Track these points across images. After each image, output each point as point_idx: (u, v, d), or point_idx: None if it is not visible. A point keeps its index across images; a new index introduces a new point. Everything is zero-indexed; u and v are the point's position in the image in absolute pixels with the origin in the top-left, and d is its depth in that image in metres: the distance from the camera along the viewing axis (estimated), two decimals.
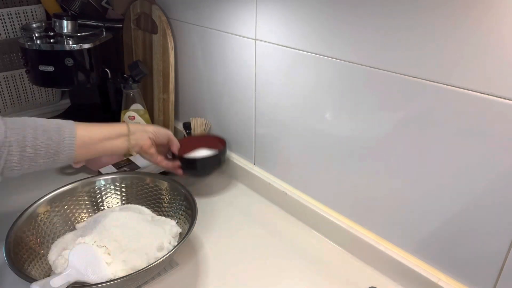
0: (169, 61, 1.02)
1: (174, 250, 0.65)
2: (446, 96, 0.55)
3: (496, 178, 0.53)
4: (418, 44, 0.56)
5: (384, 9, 0.58)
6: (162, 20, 1.00)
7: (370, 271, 0.72)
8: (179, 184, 0.80)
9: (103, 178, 0.83)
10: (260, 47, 0.81)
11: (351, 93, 0.67)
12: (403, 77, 0.59)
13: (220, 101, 0.97)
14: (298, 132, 0.79)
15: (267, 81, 0.82)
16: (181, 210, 0.78)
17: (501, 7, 0.47)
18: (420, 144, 0.60)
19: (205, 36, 0.94)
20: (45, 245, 0.72)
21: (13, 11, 1.14)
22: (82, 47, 1.01)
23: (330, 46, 0.67)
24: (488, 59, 0.50)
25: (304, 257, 0.75)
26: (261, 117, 0.87)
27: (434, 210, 0.62)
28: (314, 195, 0.82)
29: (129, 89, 1.02)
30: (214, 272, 0.72)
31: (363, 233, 0.73)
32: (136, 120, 1.03)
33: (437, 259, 0.64)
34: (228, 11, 0.85)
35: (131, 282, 0.63)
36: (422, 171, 0.61)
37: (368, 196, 0.71)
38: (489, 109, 0.51)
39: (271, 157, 0.89)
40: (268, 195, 0.91)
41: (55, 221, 0.76)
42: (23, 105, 1.23)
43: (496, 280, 0.57)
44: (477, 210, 0.56)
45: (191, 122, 1.03)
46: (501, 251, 0.55)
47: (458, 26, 0.51)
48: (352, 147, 0.70)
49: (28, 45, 0.99)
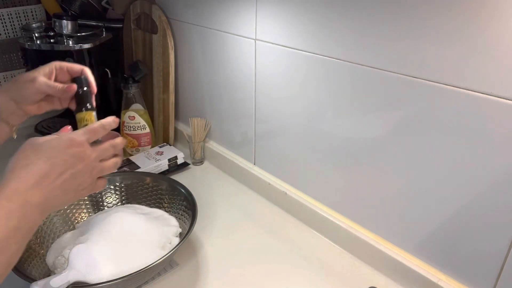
0: (169, 61, 1.02)
1: (174, 250, 0.65)
2: (446, 96, 0.55)
3: (496, 178, 0.53)
4: (418, 44, 0.56)
5: (384, 10, 0.58)
6: (162, 20, 1.00)
7: (370, 271, 0.72)
8: (179, 184, 0.80)
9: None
10: (260, 47, 0.81)
11: (351, 93, 0.67)
12: (403, 77, 0.59)
13: (220, 101, 0.97)
14: (298, 132, 0.79)
15: (267, 81, 0.82)
16: (181, 210, 0.78)
17: (501, 8, 0.47)
18: (420, 144, 0.60)
19: (205, 36, 0.94)
20: (45, 245, 0.72)
21: (13, 11, 1.14)
22: (82, 47, 1.01)
23: (330, 46, 0.67)
24: (488, 59, 0.50)
25: (304, 257, 0.75)
26: (261, 117, 0.87)
27: (434, 210, 0.62)
28: (314, 195, 0.82)
29: (129, 89, 1.02)
30: (214, 272, 0.72)
31: (363, 233, 0.73)
32: (136, 120, 1.03)
33: (437, 259, 0.64)
34: (228, 11, 0.85)
35: (131, 282, 0.63)
36: (422, 171, 0.61)
37: (368, 196, 0.71)
38: (489, 109, 0.51)
39: (271, 157, 0.89)
40: (268, 195, 0.91)
41: (55, 221, 0.76)
42: None
43: (496, 280, 0.57)
44: (477, 210, 0.56)
45: (191, 122, 1.03)
46: (501, 251, 0.55)
47: (458, 26, 0.51)
48: (352, 147, 0.70)
49: (28, 45, 0.99)
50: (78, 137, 0.52)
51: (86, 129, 0.54)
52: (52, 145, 0.50)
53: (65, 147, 0.50)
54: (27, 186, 0.46)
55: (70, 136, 0.51)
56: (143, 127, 1.05)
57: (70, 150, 0.50)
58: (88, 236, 0.69)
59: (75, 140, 0.51)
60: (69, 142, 0.50)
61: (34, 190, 0.47)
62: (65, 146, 0.50)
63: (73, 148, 0.50)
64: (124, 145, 0.59)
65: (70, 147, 0.50)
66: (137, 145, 1.06)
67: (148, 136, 1.07)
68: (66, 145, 0.50)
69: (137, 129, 1.05)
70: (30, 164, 0.47)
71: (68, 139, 0.51)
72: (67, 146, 0.50)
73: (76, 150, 0.51)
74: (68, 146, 0.50)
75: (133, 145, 1.06)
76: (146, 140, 1.07)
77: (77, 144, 0.51)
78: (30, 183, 0.46)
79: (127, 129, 1.05)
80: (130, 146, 1.07)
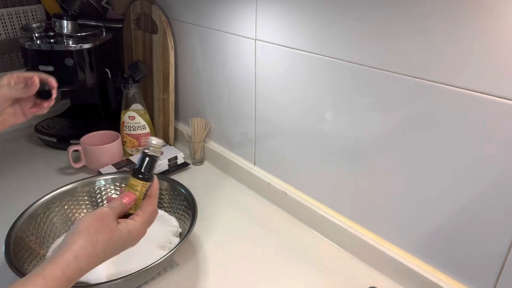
0: (169, 61, 1.02)
1: (174, 250, 0.65)
2: (446, 96, 0.55)
3: (496, 178, 0.53)
4: (419, 44, 0.56)
5: (384, 10, 0.58)
6: (162, 20, 1.00)
7: (370, 271, 0.72)
8: (179, 184, 0.80)
9: (103, 178, 0.83)
10: (260, 47, 0.81)
11: (352, 93, 0.67)
12: (403, 77, 0.59)
13: (220, 101, 0.97)
14: (299, 132, 0.79)
15: (267, 81, 0.82)
16: (181, 210, 0.78)
17: (501, 8, 0.47)
18: (420, 143, 0.60)
19: (205, 36, 0.94)
20: (45, 245, 0.72)
21: (13, 11, 1.14)
22: (82, 47, 1.01)
23: (330, 46, 0.67)
24: (488, 59, 0.50)
25: (304, 257, 0.75)
26: (261, 117, 0.87)
27: (434, 210, 0.62)
28: (314, 195, 0.82)
29: (129, 89, 1.02)
30: (214, 272, 0.72)
31: (363, 233, 0.73)
32: (136, 120, 1.03)
33: (437, 259, 0.64)
34: (228, 11, 0.85)
35: (131, 282, 0.63)
36: (422, 171, 0.61)
37: (368, 196, 0.71)
38: (489, 109, 0.51)
39: (271, 157, 0.89)
40: (268, 195, 0.91)
41: (55, 221, 0.76)
42: None
43: (496, 280, 0.57)
44: (477, 210, 0.56)
45: (191, 122, 1.03)
46: (501, 251, 0.55)
47: (458, 26, 0.51)
48: (352, 147, 0.70)
49: (28, 45, 0.99)
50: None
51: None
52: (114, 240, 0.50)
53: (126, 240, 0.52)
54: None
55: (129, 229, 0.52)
56: (143, 127, 1.05)
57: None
58: None
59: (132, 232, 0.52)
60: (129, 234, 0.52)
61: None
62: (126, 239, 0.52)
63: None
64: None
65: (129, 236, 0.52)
66: (137, 145, 1.06)
67: (148, 136, 1.07)
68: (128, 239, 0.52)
69: (137, 129, 1.05)
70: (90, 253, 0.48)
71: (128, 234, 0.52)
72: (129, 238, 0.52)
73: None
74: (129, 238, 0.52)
75: (133, 145, 1.06)
76: (146, 140, 1.07)
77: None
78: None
79: (127, 129, 1.05)
80: (130, 146, 1.07)
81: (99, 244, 0.48)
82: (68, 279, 0.45)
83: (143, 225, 0.54)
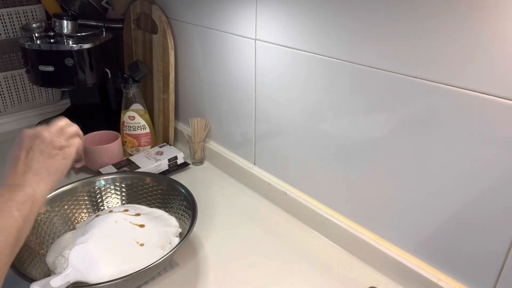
0: (169, 61, 1.02)
1: (174, 250, 0.65)
2: (446, 96, 0.55)
3: (496, 178, 0.53)
4: (419, 44, 0.56)
5: (384, 10, 0.58)
6: (162, 20, 1.00)
7: (370, 271, 0.72)
8: (179, 184, 0.80)
9: (103, 178, 0.83)
10: (260, 47, 0.81)
11: (352, 93, 0.67)
12: (403, 77, 0.59)
13: (220, 101, 0.97)
14: (299, 132, 0.79)
15: (267, 81, 0.82)
16: (181, 210, 0.78)
17: (501, 8, 0.47)
18: (420, 144, 0.60)
19: (205, 36, 0.94)
20: (45, 245, 0.72)
21: (13, 11, 1.14)
22: (82, 47, 1.01)
23: (330, 46, 0.67)
24: (488, 59, 0.50)
25: (304, 257, 0.75)
26: (261, 116, 0.87)
27: (434, 210, 0.62)
28: (314, 195, 0.82)
29: (129, 89, 1.02)
30: (214, 272, 0.72)
31: (363, 233, 0.73)
32: (136, 120, 1.04)
33: (437, 259, 0.64)
34: (228, 11, 0.85)
35: (131, 282, 0.63)
36: (422, 171, 0.61)
37: (368, 196, 0.71)
38: (489, 109, 0.51)
39: (271, 157, 0.89)
40: (268, 195, 0.91)
41: (55, 221, 0.76)
42: (23, 105, 1.23)
43: (496, 280, 0.57)
44: (477, 210, 0.56)
45: (191, 122, 1.03)
46: (501, 251, 0.55)
47: (459, 26, 0.51)
48: (352, 147, 0.70)
49: (28, 45, 0.99)
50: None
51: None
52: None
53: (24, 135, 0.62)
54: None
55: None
56: (143, 127, 1.05)
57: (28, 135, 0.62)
58: (88, 236, 0.69)
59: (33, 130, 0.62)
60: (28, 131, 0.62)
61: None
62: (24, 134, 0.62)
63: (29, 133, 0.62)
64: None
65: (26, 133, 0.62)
66: (137, 145, 1.06)
67: (148, 136, 1.07)
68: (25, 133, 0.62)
69: (137, 129, 1.05)
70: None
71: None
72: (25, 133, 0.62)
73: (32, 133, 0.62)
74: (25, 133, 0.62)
75: (133, 145, 1.06)
76: (146, 140, 1.07)
77: (33, 131, 0.62)
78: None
79: (127, 129, 1.05)
80: (130, 146, 1.07)
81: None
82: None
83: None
